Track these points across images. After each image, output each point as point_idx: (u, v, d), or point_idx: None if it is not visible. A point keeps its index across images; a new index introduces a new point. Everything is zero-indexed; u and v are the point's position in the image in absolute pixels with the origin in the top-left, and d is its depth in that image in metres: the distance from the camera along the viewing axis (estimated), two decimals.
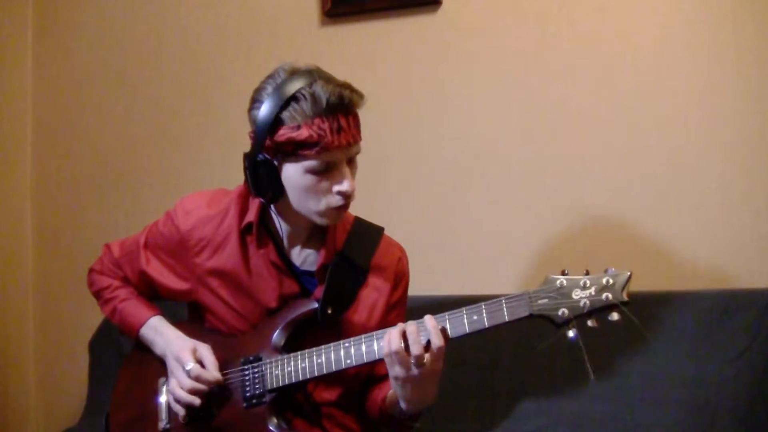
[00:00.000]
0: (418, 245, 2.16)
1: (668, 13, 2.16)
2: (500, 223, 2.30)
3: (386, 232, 1.73)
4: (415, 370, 1.44)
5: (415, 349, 1.42)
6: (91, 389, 2.44)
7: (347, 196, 1.52)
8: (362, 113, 1.54)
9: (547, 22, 2.25)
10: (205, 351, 1.61)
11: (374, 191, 2.36)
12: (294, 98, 1.46)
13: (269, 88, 1.50)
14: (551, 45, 2.25)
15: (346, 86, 1.49)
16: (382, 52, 2.42)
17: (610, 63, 2.20)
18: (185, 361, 1.59)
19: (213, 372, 1.59)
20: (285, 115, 1.46)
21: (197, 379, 1.57)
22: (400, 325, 1.46)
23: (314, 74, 1.49)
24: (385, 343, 1.45)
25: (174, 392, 1.60)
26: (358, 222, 1.71)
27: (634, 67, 2.18)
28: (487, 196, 2.31)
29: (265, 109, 1.48)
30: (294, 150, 1.47)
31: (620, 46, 2.19)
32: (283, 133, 1.46)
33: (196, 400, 1.58)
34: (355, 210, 1.70)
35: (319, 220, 1.56)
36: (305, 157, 1.47)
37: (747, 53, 2.08)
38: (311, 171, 1.49)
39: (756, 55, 2.07)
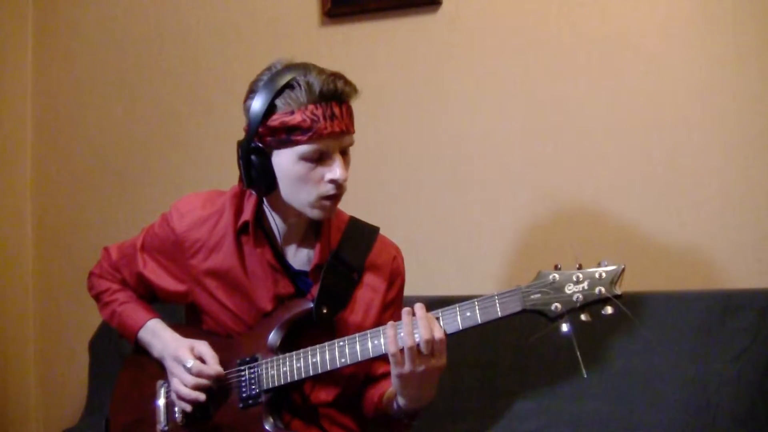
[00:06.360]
0: (416, 244, 2.16)
1: (668, 13, 2.16)
2: (499, 223, 2.30)
3: (385, 230, 1.73)
4: (420, 366, 1.43)
5: (425, 333, 1.41)
6: (91, 389, 2.44)
7: (339, 186, 1.52)
8: (362, 112, 1.55)
9: (547, 22, 2.25)
10: (203, 347, 1.62)
11: (373, 190, 2.36)
12: (288, 86, 1.48)
13: (264, 79, 1.52)
14: (551, 45, 2.25)
15: (340, 77, 1.51)
16: (382, 52, 2.41)
17: (610, 63, 2.20)
18: (185, 359, 1.59)
19: (214, 366, 1.59)
20: (279, 102, 1.49)
21: (199, 374, 1.57)
22: (398, 322, 1.46)
23: (309, 66, 1.52)
24: (390, 340, 1.45)
25: (178, 391, 1.59)
26: (353, 222, 1.71)
27: (634, 67, 2.18)
28: (486, 196, 2.31)
29: (259, 98, 1.50)
30: (287, 136, 1.48)
31: (620, 46, 2.19)
32: (276, 118, 1.48)
33: (201, 396, 1.58)
34: (353, 207, 1.70)
35: (310, 213, 1.56)
36: (297, 143, 1.48)
37: (747, 53, 2.08)
38: (304, 158, 1.49)
39: (756, 55, 2.07)
